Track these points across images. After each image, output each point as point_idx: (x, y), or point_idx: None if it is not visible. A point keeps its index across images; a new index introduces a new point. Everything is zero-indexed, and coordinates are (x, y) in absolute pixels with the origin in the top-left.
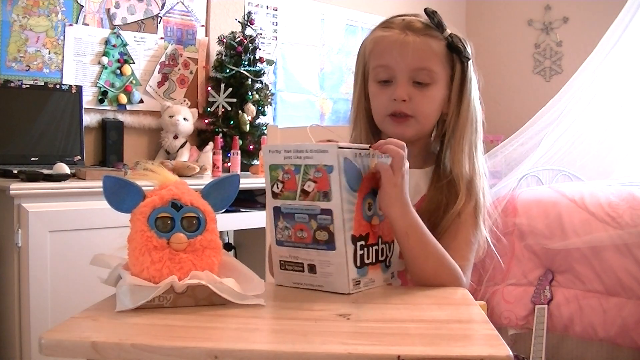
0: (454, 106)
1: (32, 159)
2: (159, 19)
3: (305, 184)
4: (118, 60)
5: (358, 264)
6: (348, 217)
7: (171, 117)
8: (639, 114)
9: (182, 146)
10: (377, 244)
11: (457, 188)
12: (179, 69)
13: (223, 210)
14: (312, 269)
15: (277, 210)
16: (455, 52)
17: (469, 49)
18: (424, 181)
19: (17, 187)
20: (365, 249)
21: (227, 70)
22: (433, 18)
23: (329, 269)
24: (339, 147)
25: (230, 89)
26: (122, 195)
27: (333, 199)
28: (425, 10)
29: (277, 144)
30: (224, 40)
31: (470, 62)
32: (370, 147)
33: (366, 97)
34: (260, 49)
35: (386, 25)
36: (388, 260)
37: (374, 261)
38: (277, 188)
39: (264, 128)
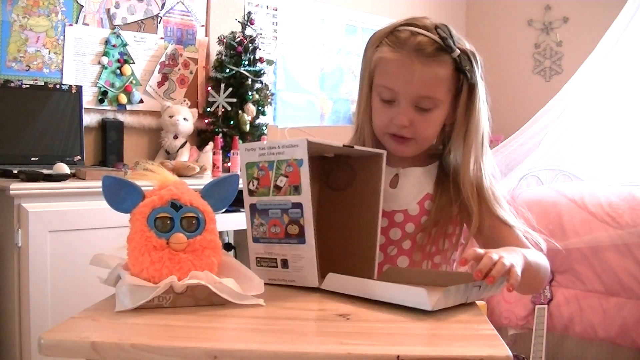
0: (461, 121)
1: (32, 159)
2: (159, 19)
3: (277, 179)
4: (118, 60)
5: None
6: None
7: (171, 117)
8: (639, 113)
9: (182, 146)
10: None
11: (468, 203)
12: (179, 69)
13: (223, 210)
14: (284, 264)
15: (253, 208)
16: (462, 73)
17: (476, 67)
18: (427, 179)
19: (17, 187)
20: None
21: (227, 70)
22: (444, 39)
23: (300, 263)
24: (309, 141)
25: (230, 89)
26: (122, 195)
27: (303, 192)
28: (437, 29)
29: (253, 142)
30: (224, 40)
31: (478, 80)
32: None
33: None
34: (260, 49)
35: (396, 41)
36: None
37: None
38: (253, 185)
39: (264, 128)
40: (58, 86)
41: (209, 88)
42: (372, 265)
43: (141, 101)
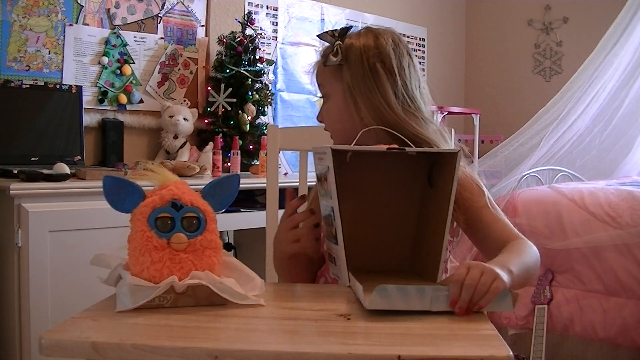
0: (366, 108)
1: (32, 159)
2: (159, 19)
3: (324, 183)
4: (118, 60)
5: None
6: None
7: (171, 117)
8: (639, 113)
9: (182, 146)
10: None
11: None
12: (179, 69)
13: (223, 210)
14: (334, 261)
15: (323, 209)
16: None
17: (342, 54)
18: None
19: (17, 187)
20: None
21: (227, 70)
22: (322, 41)
23: (338, 262)
24: (333, 149)
25: (230, 89)
26: (122, 195)
27: (332, 197)
28: (318, 35)
29: (317, 147)
30: (224, 40)
31: (356, 62)
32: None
33: None
34: (260, 49)
35: None
36: None
37: None
38: (321, 187)
39: (264, 128)
40: (58, 86)
41: (209, 88)
42: (435, 270)
43: (141, 101)
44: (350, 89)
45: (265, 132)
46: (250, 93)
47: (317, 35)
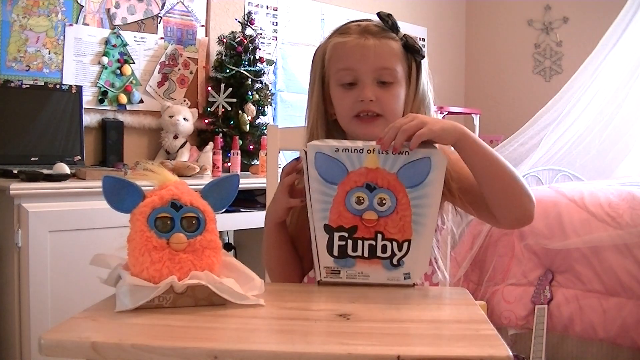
0: (410, 102)
1: (32, 159)
2: (159, 19)
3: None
4: (118, 60)
5: (335, 253)
6: (321, 208)
7: (171, 117)
8: (639, 113)
9: (182, 146)
10: (373, 239)
11: None
12: (179, 69)
13: (223, 210)
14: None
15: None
16: (411, 51)
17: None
18: None
19: (17, 187)
20: (350, 241)
21: (227, 70)
22: (387, 21)
23: (314, 260)
24: (310, 143)
25: (230, 89)
26: (122, 195)
27: (306, 191)
28: (379, 13)
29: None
30: (224, 40)
31: (424, 61)
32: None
33: (325, 101)
34: (260, 49)
35: (343, 31)
36: (397, 259)
37: (366, 255)
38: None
39: (264, 128)
40: (58, 86)
41: (209, 88)
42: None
43: (141, 101)
44: (421, 85)
45: (265, 132)
46: (250, 93)
47: (382, 14)
